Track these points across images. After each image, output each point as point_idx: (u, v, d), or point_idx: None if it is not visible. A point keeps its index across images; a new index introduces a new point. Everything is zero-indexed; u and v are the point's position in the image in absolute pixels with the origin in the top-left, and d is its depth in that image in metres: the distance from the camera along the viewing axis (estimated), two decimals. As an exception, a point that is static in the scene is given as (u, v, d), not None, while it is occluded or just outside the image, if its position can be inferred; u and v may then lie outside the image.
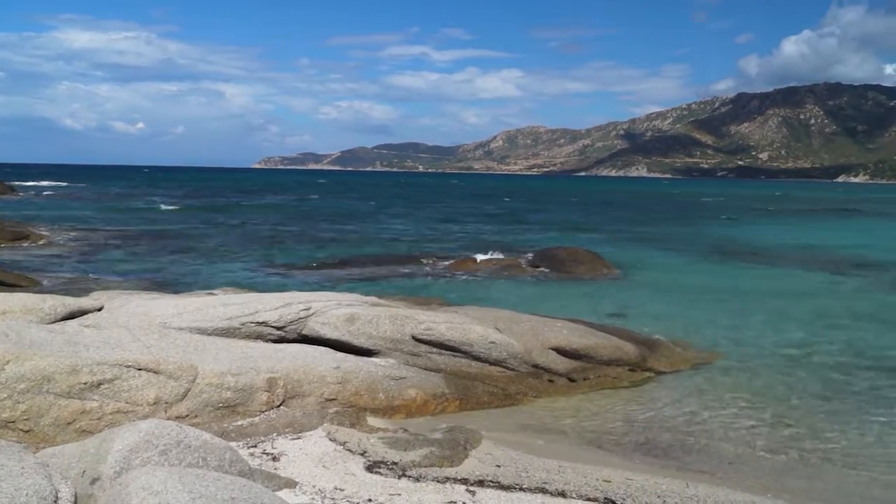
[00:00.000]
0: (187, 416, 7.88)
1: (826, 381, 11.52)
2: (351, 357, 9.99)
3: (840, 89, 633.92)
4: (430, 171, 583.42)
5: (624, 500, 6.43)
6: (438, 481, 6.58)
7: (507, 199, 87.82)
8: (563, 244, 29.43)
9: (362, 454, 7.25)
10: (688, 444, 8.68)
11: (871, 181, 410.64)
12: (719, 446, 8.63)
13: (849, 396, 10.72)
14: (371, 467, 6.88)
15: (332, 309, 10.99)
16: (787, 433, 9.12)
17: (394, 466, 6.90)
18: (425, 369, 10.34)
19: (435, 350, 10.66)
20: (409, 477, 6.65)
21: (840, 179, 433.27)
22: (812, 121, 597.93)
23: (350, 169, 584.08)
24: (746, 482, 7.40)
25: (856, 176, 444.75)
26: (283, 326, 10.61)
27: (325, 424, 8.26)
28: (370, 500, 6.00)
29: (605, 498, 6.43)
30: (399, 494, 6.17)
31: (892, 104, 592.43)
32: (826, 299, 19.83)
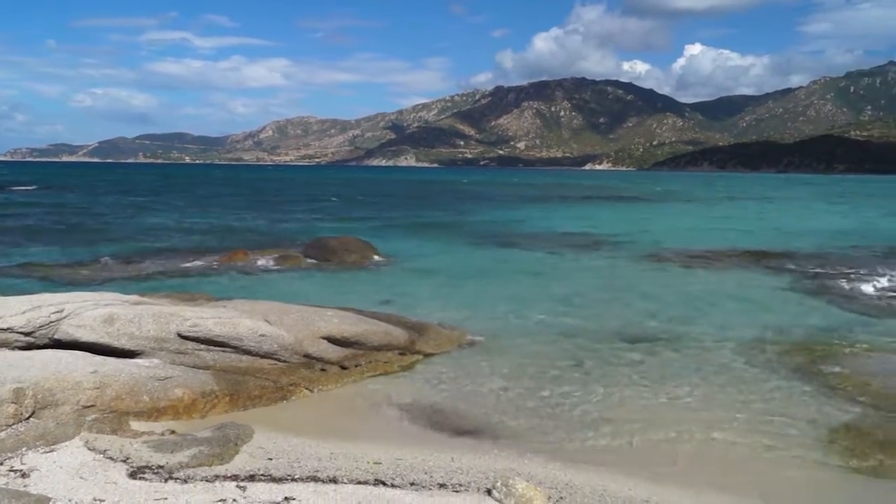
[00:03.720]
0: (-85, 438, 7.06)
1: (578, 349, 12.60)
2: (111, 360, 9.42)
3: (584, 84, 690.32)
4: (197, 162, 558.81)
5: (393, 479, 6.69)
6: (208, 480, 6.44)
7: (278, 191, 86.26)
8: (334, 234, 29.54)
9: (125, 461, 6.91)
10: (455, 419, 9.15)
11: (613, 168, 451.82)
12: (484, 418, 9.20)
13: (598, 362, 11.81)
14: (135, 473, 6.58)
15: (88, 310, 10.28)
16: (543, 400, 9.90)
17: (159, 470, 6.65)
18: (193, 367, 10.00)
19: (203, 347, 10.34)
20: (177, 479, 6.45)
21: (587, 167, 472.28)
22: (562, 113, 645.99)
23: (110, 161, 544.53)
24: (506, 450, 7.97)
25: (600, 164, 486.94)
26: (32, 332, 9.76)
27: (82, 433, 7.76)
28: (134, 508, 5.75)
29: (376, 479, 6.64)
30: (165, 499, 5.96)
31: (628, 98, 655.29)
32: (577, 276, 21.69)
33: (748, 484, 7.33)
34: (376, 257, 24.32)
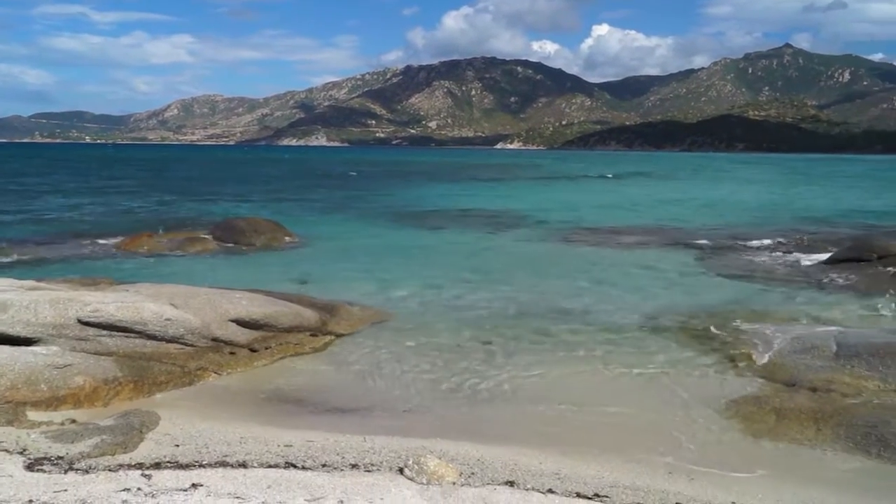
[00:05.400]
0: None
1: (488, 327, 12.73)
2: (5, 348, 8.99)
3: (495, 63, 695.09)
4: (98, 141, 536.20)
5: (304, 461, 6.62)
6: (111, 470, 6.23)
7: (184, 171, 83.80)
8: (243, 214, 28.93)
9: (21, 453, 6.62)
10: (367, 399, 9.13)
11: (523, 147, 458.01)
12: (396, 398, 9.22)
13: (509, 339, 11.97)
14: (32, 465, 6.31)
15: (-22, 297, 9.76)
16: (455, 378, 9.98)
17: (59, 461, 6.40)
18: (95, 354, 9.64)
19: (105, 333, 9.97)
20: (77, 470, 6.22)
21: (498, 146, 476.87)
22: (473, 92, 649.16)
23: (3, 141, 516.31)
24: (419, 428, 8.01)
25: (511, 143, 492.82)
26: (-84, 322, 9.21)
27: (-26, 426, 7.38)
28: (31, 502, 5.50)
29: (287, 462, 6.56)
30: (65, 490, 5.73)
31: (538, 78, 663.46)
32: (488, 253, 21.97)
33: (653, 453, 7.59)
34: (287, 238, 23.96)
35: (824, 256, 20.25)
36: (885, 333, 11.97)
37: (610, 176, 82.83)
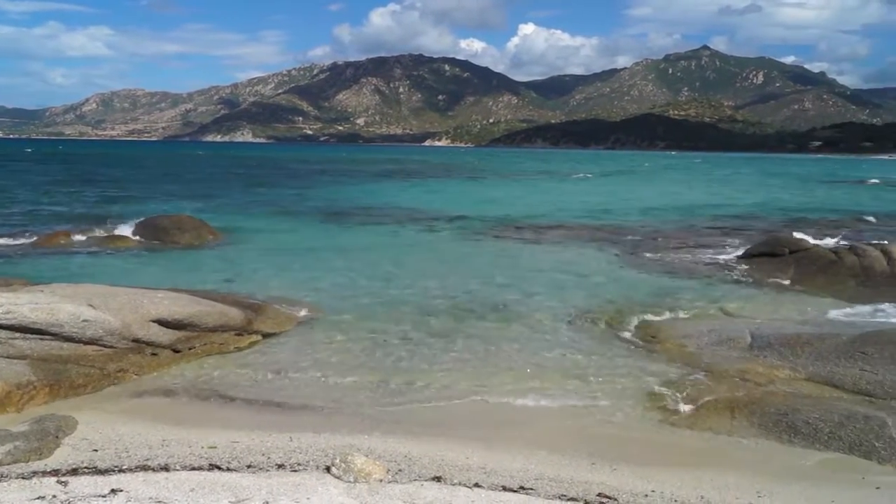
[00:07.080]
0: None
1: (416, 323, 12.78)
2: None
3: (422, 61, 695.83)
4: (11, 136, 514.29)
5: (229, 462, 6.52)
6: (24, 478, 6.01)
7: (105, 167, 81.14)
8: (166, 212, 28.21)
9: (-73, 463, 6.32)
10: (293, 398, 9.04)
11: (451, 144, 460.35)
12: (323, 396, 9.15)
13: (435, 335, 12.06)
14: (-61, 475, 6.04)
15: None
16: (382, 375, 9.96)
17: (-32, 470, 6.14)
18: (7, 357, 9.28)
19: (18, 335, 9.59)
20: (-12, 478, 5.98)
21: (427, 143, 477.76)
22: (401, 90, 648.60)
23: None
24: (346, 426, 7.97)
25: (439, 140, 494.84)
26: None
27: None
28: (-62, 513, 5.27)
29: (211, 464, 6.44)
30: (-25, 499, 5.52)
31: (465, 76, 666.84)
32: (416, 251, 21.98)
33: (576, 444, 7.75)
34: (212, 236, 23.49)
35: (741, 252, 20.98)
36: (795, 325, 12.51)
37: (545, 173, 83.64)
